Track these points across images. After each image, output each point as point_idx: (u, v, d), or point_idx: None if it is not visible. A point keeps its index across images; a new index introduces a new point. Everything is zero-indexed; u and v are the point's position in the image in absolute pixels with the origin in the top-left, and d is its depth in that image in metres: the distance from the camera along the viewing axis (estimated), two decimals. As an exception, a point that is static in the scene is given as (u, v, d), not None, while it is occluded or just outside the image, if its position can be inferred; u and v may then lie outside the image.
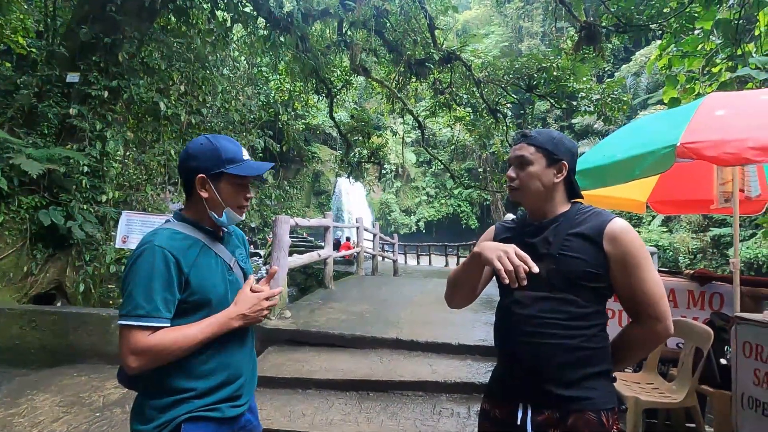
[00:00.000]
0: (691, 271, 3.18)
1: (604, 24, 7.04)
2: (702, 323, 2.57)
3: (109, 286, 6.21)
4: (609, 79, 10.03)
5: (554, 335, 1.13)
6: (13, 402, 2.88)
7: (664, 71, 6.20)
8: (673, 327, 1.18)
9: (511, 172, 1.26)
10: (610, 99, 8.23)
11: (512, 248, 1.08)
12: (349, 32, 9.32)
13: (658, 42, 6.81)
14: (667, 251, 19.44)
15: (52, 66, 6.47)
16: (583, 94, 8.56)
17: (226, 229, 1.30)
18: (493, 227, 1.43)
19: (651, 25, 6.49)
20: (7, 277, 5.43)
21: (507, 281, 1.04)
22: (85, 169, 6.03)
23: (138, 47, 7.00)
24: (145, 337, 1.02)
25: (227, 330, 1.12)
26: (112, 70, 6.58)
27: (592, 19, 7.22)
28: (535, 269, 1.06)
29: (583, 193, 1.33)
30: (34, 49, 8.37)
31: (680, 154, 1.84)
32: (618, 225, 1.15)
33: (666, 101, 5.84)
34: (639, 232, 20.81)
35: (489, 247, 1.12)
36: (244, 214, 1.26)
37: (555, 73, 8.44)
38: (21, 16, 8.03)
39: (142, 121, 8.16)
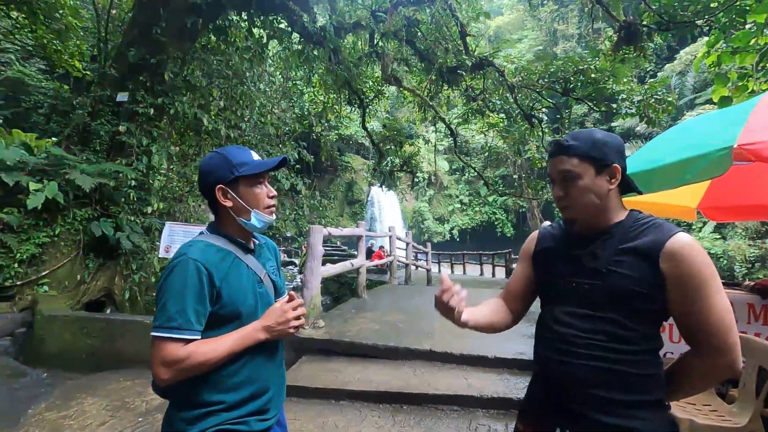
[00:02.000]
0: (752, 283, 2.93)
1: (644, 22, 6.74)
2: (766, 340, 2.35)
3: (155, 293, 6.49)
4: (652, 80, 9.56)
5: (594, 357, 1.02)
6: (65, 405, 3.04)
7: (712, 69, 5.85)
8: None
9: (558, 191, 1.12)
10: (653, 100, 7.83)
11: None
12: (380, 43, 9.41)
13: (705, 39, 6.44)
14: (721, 260, 18.16)
15: (104, 87, 6.92)
16: (624, 96, 8.19)
17: (257, 241, 1.31)
18: (536, 233, 1.33)
19: (697, 21, 6.14)
20: (62, 285, 5.79)
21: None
22: (133, 182, 6.37)
23: (181, 66, 7.38)
24: (177, 349, 1.03)
25: (254, 343, 1.12)
26: (157, 89, 6.96)
27: (631, 18, 6.92)
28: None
29: (626, 200, 1.21)
30: (88, 72, 9.01)
31: (737, 157, 1.69)
32: (680, 241, 1.00)
33: (716, 100, 5.50)
34: (689, 239, 19.57)
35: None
36: (273, 214, 1.25)
37: (593, 75, 8.13)
38: (78, 42, 8.66)
39: (185, 136, 8.57)
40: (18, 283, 5.29)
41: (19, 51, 13.14)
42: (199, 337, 1.07)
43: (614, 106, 8.64)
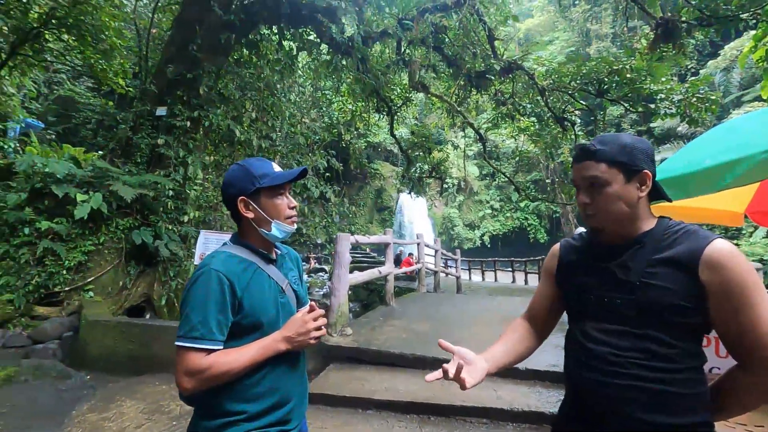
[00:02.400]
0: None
1: (684, 18, 6.44)
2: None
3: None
4: (693, 78, 9.12)
5: (633, 376, 0.95)
6: (105, 407, 3.18)
7: (760, 64, 5.50)
8: None
9: (584, 197, 1.06)
10: (695, 99, 7.44)
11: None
12: (407, 51, 9.45)
13: (752, 32, 6.07)
14: (776, 267, 16.92)
15: (145, 102, 7.29)
16: (663, 96, 7.83)
17: (279, 251, 1.33)
18: (557, 246, 1.27)
19: (741, 15, 5.80)
20: (106, 291, 6.09)
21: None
22: (170, 192, 6.65)
23: (215, 80, 7.68)
24: (200, 358, 1.05)
25: (275, 353, 1.13)
26: (193, 102, 7.27)
27: (669, 14, 6.63)
28: None
29: (663, 205, 1.14)
30: (131, 89, 9.52)
31: (785, 159, 1.58)
32: (719, 248, 0.94)
33: (765, 97, 5.18)
34: (738, 245, 18.38)
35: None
36: (295, 225, 1.26)
37: (628, 75, 7.83)
38: (121, 61, 9.18)
39: (219, 147, 8.89)
40: (66, 288, 5.61)
41: (70, 71, 14.11)
42: (222, 347, 1.09)
43: (652, 106, 8.28)
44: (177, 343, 1.07)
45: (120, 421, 2.95)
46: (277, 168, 1.24)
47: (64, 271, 5.58)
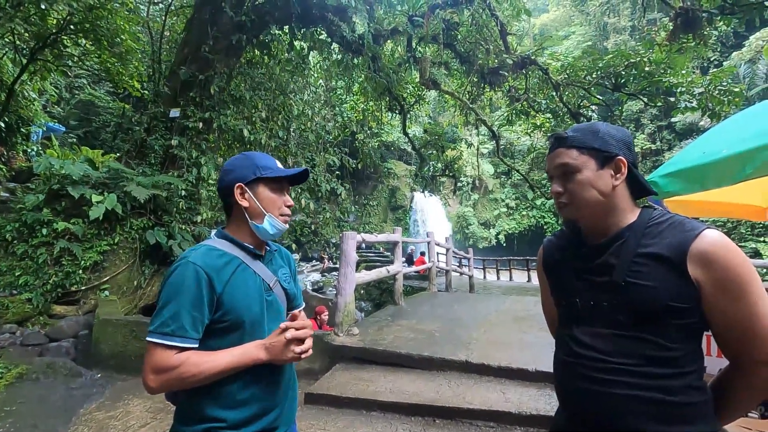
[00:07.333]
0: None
1: (705, 7, 6.19)
2: None
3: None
4: (715, 70, 8.77)
5: (626, 384, 0.88)
6: (112, 405, 3.21)
7: (788, 53, 5.24)
8: None
9: (557, 186, 1.02)
10: (717, 91, 7.14)
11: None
12: (419, 48, 9.36)
13: (779, 20, 5.79)
14: (807, 265, 16.18)
15: (158, 104, 7.39)
16: (683, 89, 7.55)
17: (269, 248, 1.28)
18: (542, 247, 1.23)
19: (766, 2, 5.54)
20: (122, 290, 6.19)
21: None
22: (183, 193, 6.71)
23: (227, 81, 7.73)
24: (169, 356, 0.99)
25: (254, 362, 1.06)
26: (205, 104, 7.33)
27: (689, 3, 6.38)
28: None
29: (678, 199, 1.07)
30: (146, 91, 9.69)
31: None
32: (709, 241, 0.86)
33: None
34: (766, 243, 17.66)
35: None
36: (287, 225, 1.21)
37: (647, 68, 7.58)
38: (136, 64, 9.34)
39: (231, 147, 8.96)
40: (83, 288, 5.72)
41: (90, 76, 14.46)
42: (196, 346, 1.03)
43: (672, 100, 8.00)
44: (147, 338, 1.01)
45: (126, 419, 2.97)
46: (280, 165, 1.22)
47: (81, 271, 5.69)
